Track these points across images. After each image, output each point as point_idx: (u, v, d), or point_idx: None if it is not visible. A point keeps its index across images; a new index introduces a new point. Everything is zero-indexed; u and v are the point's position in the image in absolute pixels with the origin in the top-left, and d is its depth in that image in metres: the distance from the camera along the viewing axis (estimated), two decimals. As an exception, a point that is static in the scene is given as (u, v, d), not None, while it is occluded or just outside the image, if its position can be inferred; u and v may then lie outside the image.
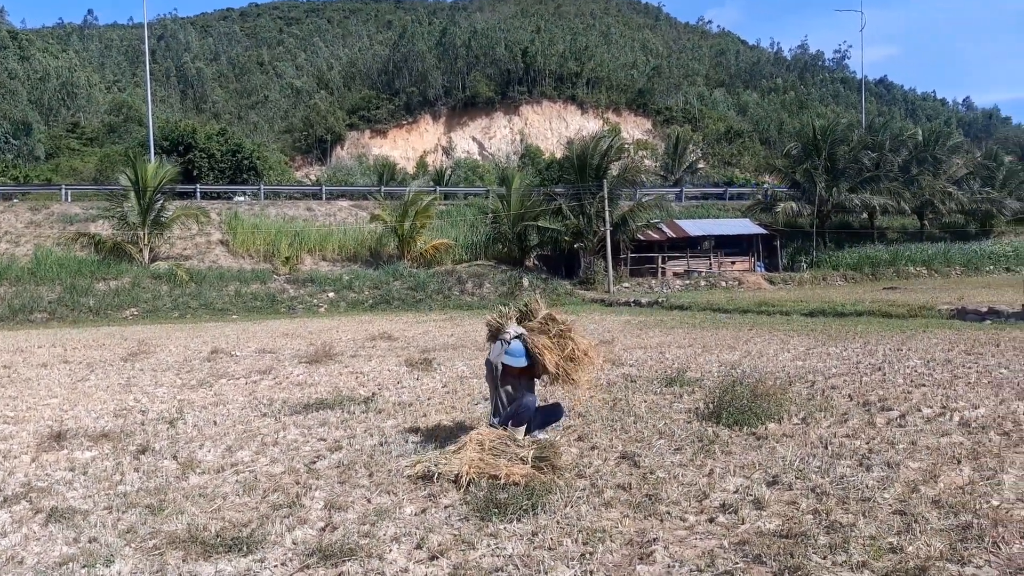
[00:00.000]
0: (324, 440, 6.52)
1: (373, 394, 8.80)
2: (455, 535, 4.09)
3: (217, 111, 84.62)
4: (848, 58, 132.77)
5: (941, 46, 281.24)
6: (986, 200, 43.11)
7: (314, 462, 5.79)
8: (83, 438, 6.91)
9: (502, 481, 4.87)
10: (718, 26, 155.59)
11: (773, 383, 8.03)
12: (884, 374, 9.08)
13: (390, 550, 3.92)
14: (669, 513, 4.36)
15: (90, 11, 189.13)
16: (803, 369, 9.72)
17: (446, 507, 4.60)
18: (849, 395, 7.79)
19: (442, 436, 6.46)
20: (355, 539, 4.06)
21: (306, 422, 7.32)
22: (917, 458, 5.34)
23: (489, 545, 3.93)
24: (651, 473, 5.16)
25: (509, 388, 5.99)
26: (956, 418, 6.59)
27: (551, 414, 6.34)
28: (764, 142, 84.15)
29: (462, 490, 4.85)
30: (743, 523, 4.14)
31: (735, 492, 4.71)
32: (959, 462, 5.22)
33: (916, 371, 9.23)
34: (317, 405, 8.12)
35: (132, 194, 31.01)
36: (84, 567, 3.83)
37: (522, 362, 5.89)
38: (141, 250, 30.87)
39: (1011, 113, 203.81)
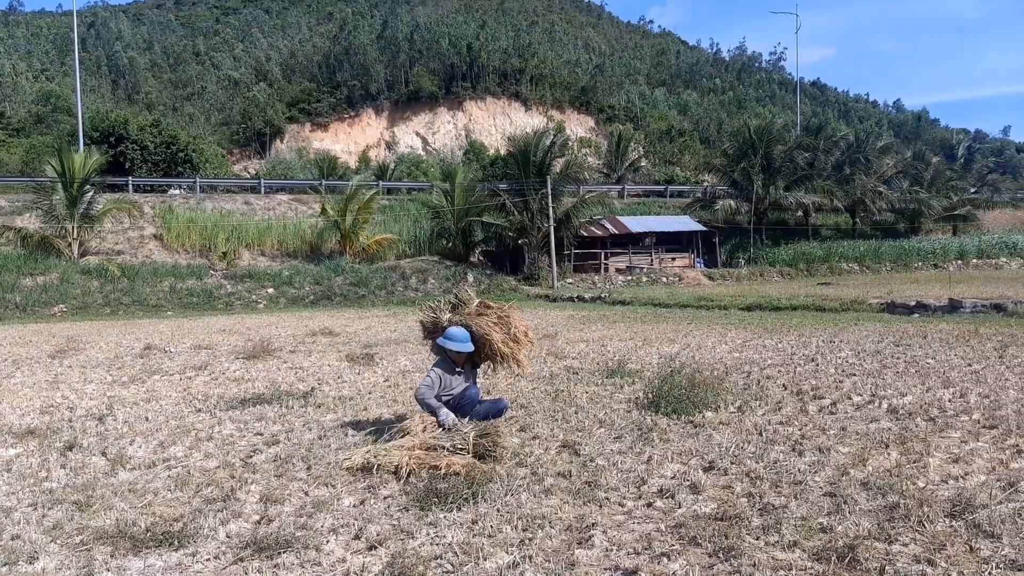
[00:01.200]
0: (261, 435, 6.40)
1: (312, 389, 8.67)
2: (394, 525, 4.06)
3: (150, 102, 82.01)
4: (784, 60, 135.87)
5: (873, 49, 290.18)
6: (915, 199, 44.67)
7: (250, 456, 5.67)
8: (7, 435, 6.65)
9: (443, 471, 4.85)
10: (659, 26, 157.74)
11: (710, 373, 8.19)
12: (817, 365, 9.34)
13: (327, 541, 3.86)
14: (608, 499, 4.40)
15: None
16: (740, 360, 9.93)
17: (385, 498, 4.56)
18: (783, 385, 7.99)
19: (383, 428, 6.40)
20: (291, 531, 3.99)
21: (242, 417, 7.17)
22: (847, 443, 5.51)
23: (428, 534, 3.91)
24: (591, 461, 5.20)
25: (456, 375, 5.99)
26: (884, 405, 6.81)
27: (493, 409, 6.31)
28: (704, 141, 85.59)
29: (402, 481, 4.82)
30: (680, 507, 4.20)
31: (672, 478, 4.79)
32: (887, 446, 5.40)
33: (847, 362, 9.52)
34: (254, 400, 7.96)
35: (59, 186, 29.88)
36: (5, 565, 3.67)
37: (468, 347, 5.92)
38: (70, 244, 29.76)
39: (939, 115, 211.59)
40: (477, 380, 6.35)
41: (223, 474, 5.19)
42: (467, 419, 6.02)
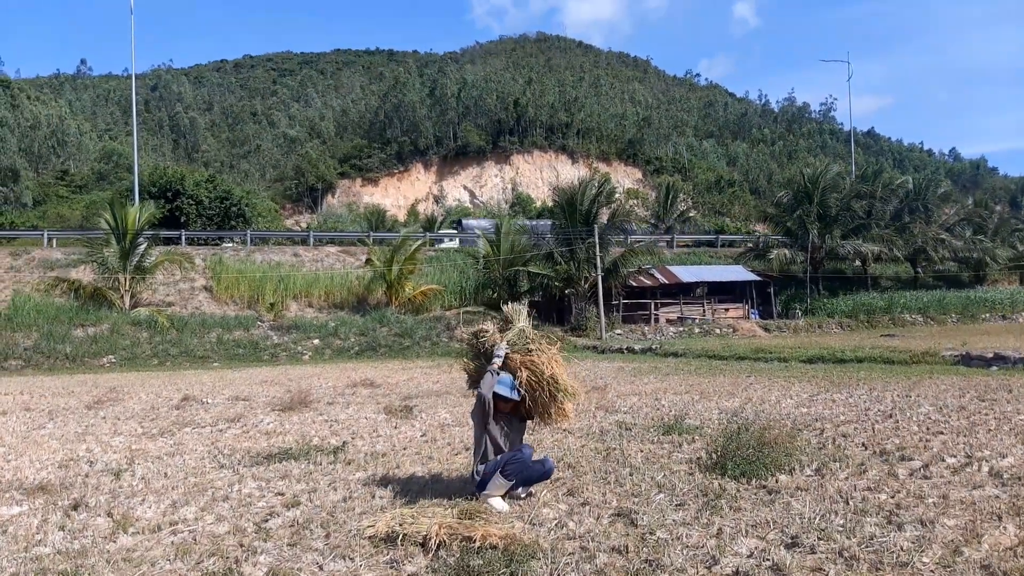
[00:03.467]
0: (282, 495, 5.82)
1: (344, 443, 8.10)
2: (417, 611, 3.40)
3: (208, 159, 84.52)
4: (834, 110, 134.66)
5: (927, 99, 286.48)
6: (979, 248, 42.92)
7: (265, 520, 5.09)
8: (15, 491, 6.21)
9: (477, 544, 4.18)
10: (706, 79, 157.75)
11: (780, 431, 7.38)
12: (897, 421, 8.46)
13: (336, 631, 3.23)
14: (673, 583, 3.68)
15: (83, 61, 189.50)
16: (809, 416, 9.08)
17: (410, 575, 3.91)
18: (863, 444, 7.15)
19: (415, 490, 5.78)
20: (295, 617, 3.37)
21: (266, 474, 6.61)
22: (952, 514, 4.70)
23: (457, 625, 3.25)
24: (650, 533, 4.48)
25: (501, 425, 5.38)
26: (985, 468, 5.97)
27: (538, 470, 5.63)
28: (754, 192, 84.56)
29: (430, 555, 4.16)
30: (762, 596, 3.47)
31: (749, 556, 4.04)
32: (1000, 518, 4.58)
33: (930, 418, 8.62)
34: (281, 456, 7.41)
35: (113, 238, 30.37)
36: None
37: (513, 395, 5.36)
38: (122, 296, 30.08)
39: (997, 164, 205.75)
40: (523, 436, 5.70)
41: (232, 541, 4.61)
42: (511, 483, 5.36)
